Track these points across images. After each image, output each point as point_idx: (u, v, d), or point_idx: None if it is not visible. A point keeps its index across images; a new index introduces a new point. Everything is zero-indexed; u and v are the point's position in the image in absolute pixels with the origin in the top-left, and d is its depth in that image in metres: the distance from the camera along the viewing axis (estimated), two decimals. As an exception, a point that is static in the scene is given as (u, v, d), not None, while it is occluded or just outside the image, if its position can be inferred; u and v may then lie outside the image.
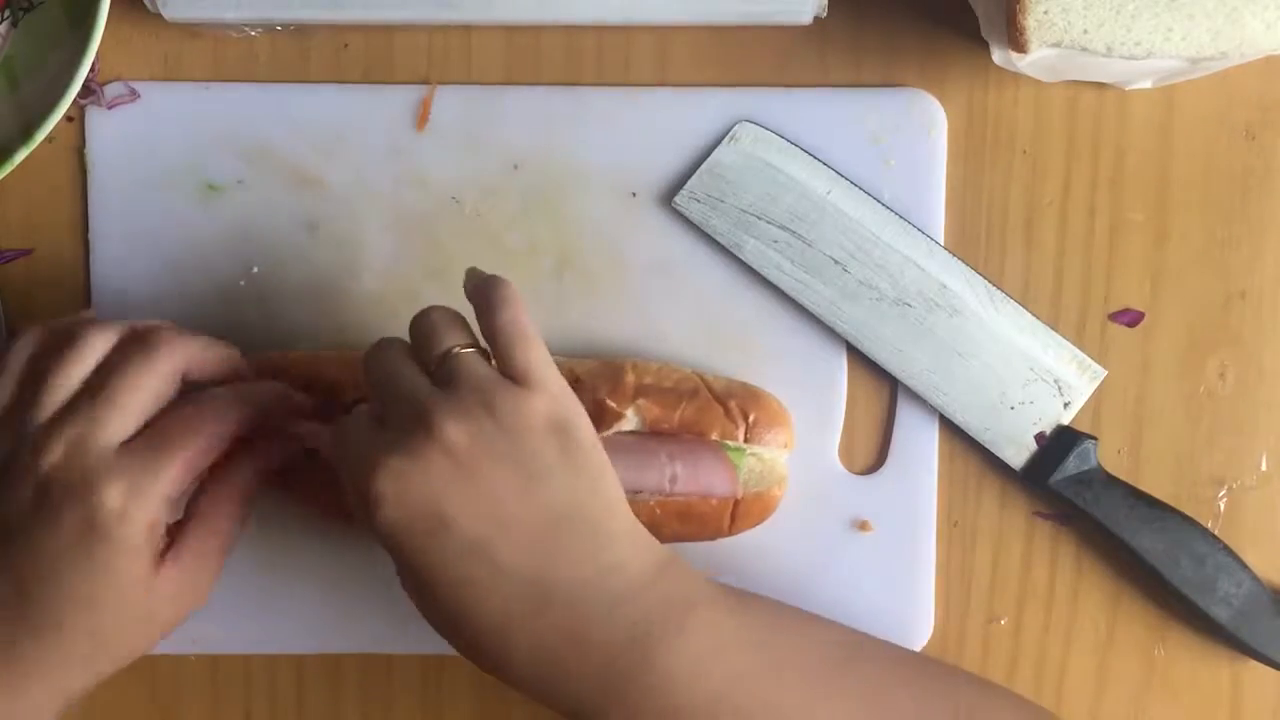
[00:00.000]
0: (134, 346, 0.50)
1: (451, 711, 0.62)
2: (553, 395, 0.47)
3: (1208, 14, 0.52)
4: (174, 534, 0.51)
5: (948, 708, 0.50)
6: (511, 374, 0.47)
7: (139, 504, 0.48)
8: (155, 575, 0.49)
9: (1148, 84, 0.58)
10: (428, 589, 0.47)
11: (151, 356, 0.50)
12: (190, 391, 0.52)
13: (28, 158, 0.56)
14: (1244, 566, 0.59)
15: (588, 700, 0.46)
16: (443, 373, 0.48)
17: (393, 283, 0.60)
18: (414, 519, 0.45)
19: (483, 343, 0.49)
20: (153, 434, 0.49)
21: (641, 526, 0.49)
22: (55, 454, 0.48)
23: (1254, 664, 0.60)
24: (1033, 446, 0.60)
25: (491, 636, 0.46)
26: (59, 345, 0.50)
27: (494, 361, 0.49)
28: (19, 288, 0.60)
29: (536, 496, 0.46)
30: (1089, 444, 0.59)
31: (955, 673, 0.54)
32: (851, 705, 0.48)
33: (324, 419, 0.54)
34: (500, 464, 0.46)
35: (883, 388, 0.61)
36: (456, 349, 0.48)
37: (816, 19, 0.58)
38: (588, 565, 0.46)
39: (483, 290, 0.49)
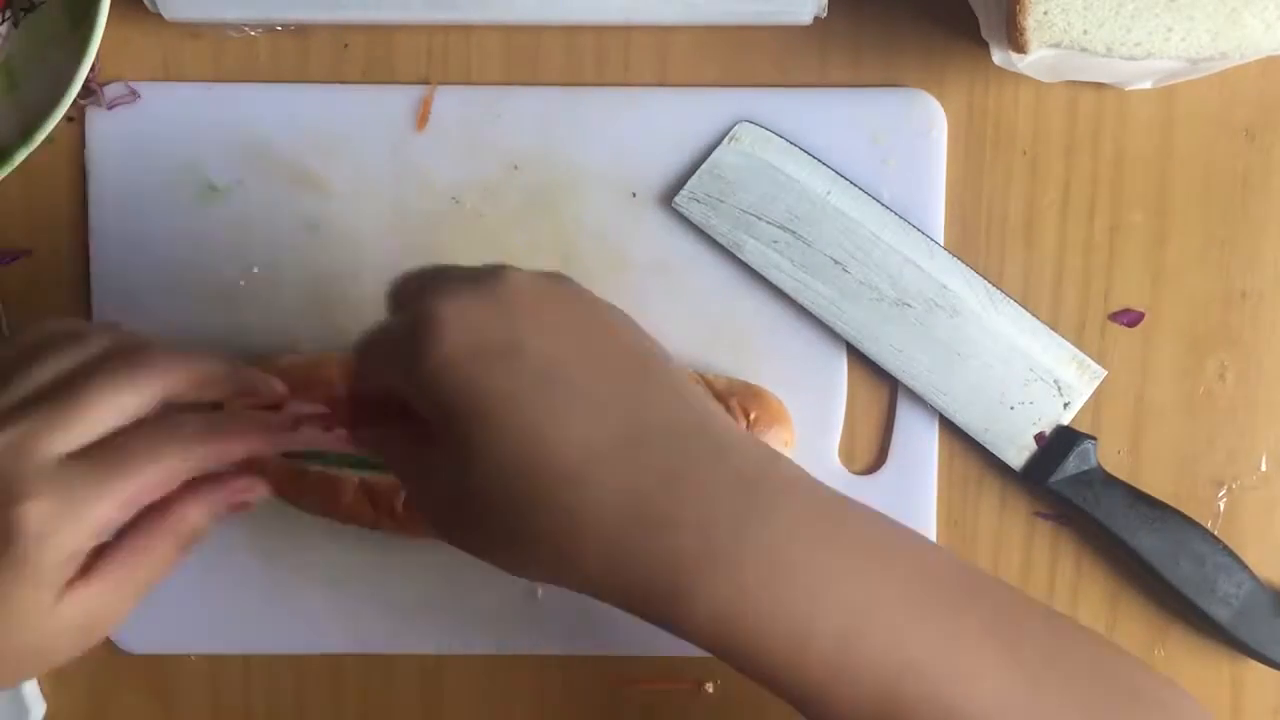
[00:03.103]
0: (119, 358, 0.43)
1: (451, 711, 0.62)
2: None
3: (1208, 14, 0.52)
4: (91, 558, 0.43)
5: (1081, 667, 0.41)
6: None
7: (62, 530, 0.41)
8: (58, 604, 0.41)
9: (1148, 84, 0.58)
10: (495, 425, 0.38)
11: (134, 373, 0.43)
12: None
13: (28, 158, 0.56)
14: (1244, 566, 0.59)
15: (683, 558, 0.37)
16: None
17: (393, 283, 0.60)
18: (480, 343, 0.39)
19: None
20: (103, 452, 0.42)
21: (784, 433, 0.45)
22: None
23: (1254, 664, 0.60)
24: (1032, 446, 0.60)
25: (567, 478, 0.38)
26: (51, 339, 0.44)
27: None
28: (19, 288, 0.60)
29: (609, 336, 0.41)
30: (1089, 444, 0.59)
31: (1088, 634, 0.44)
32: (985, 620, 0.40)
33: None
34: (568, 305, 0.41)
35: (883, 388, 0.61)
36: None
37: (816, 19, 0.58)
38: (684, 412, 0.40)
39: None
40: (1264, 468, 0.61)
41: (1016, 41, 0.52)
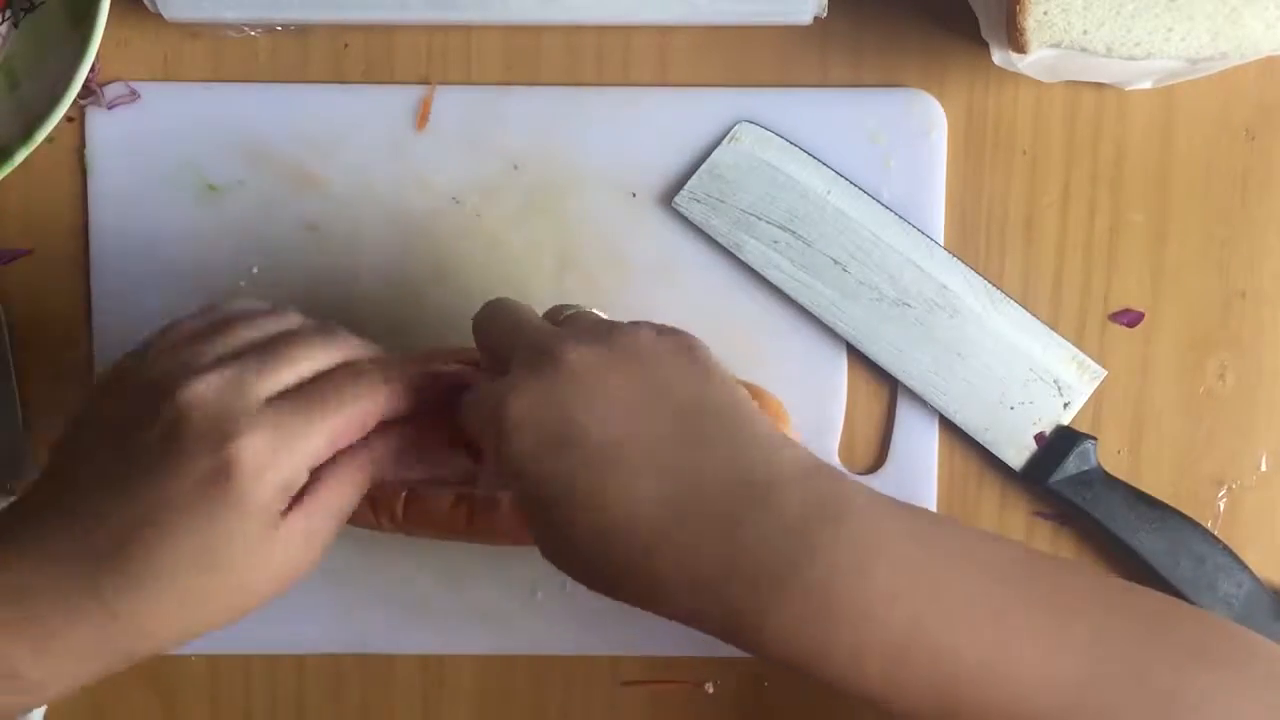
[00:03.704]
0: (315, 329, 0.49)
1: (451, 711, 0.62)
2: (666, 325, 0.47)
3: (1208, 14, 0.52)
4: (292, 502, 0.46)
5: (1138, 634, 0.43)
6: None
7: (278, 463, 0.44)
8: (276, 532, 0.45)
9: (1148, 84, 0.58)
10: (567, 513, 0.44)
11: (330, 340, 0.48)
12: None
13: (28, 158, 0.56)
14: (1244, 566, 0.59)
15: (744, 606, 0.42)
16: (564, 322, 0.49)
17: (393, 283, 0.60)
18: (545, 437, 0.44)
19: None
20: (306, 393, 0.46)
21: (789, 438, 0.47)
22: (199, 389, 0.45)
23: (1254, 664, 0.60)
24: (1032, 446, 0.60)
25: (638, 552, 0.43)
26: (254, 313, 0.49)
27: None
28: (19, 288, 0.60)
29: (665, 399, 0.45)
30: (1089, 444, 0.59)
31: (1148, 596, 0.46)
32: (1030, 613, 0.43)
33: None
34: (624, 375, 0.45)
35: (883, 388, 0.61)
36: (576, 308, 0.50)
37: (816, 19, 0.58)
38: (730, 463, 0.44)
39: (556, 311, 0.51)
40: (1264, 468, 0.61)
41: (1016, 41, 0.52)
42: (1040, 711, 0.42)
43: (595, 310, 0.51)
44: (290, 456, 0.45)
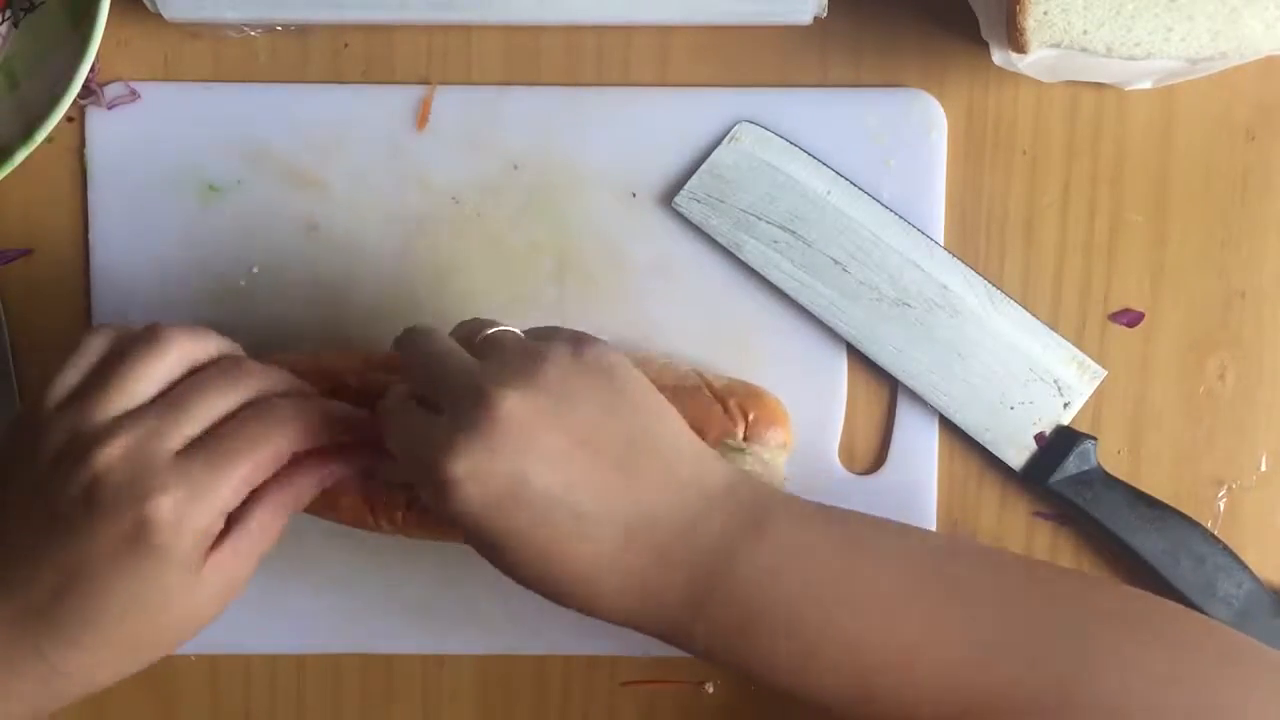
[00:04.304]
0: (214, 367, 0.49)
1: (451, 711, 0.62)
2: (580, 335, 0.48)
3: (1208, 14, 0.52)
4: (213, 545, 0.49)
5: (1047, 609, 0.47)
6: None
7: (193, 515, 0.46)
8: (200, 574, 0.48)
9: (1148, 84, 0.58)
10: (514, 554, 0.46)
11: (231, 381, 0.49)
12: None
13: (28, 158, 0.56)
14: (1244, 566, 0.59)
15: (674, 618, 0.47)
16: (484, 348, 0.49)
17: (393, 283, 0.60)
18: (490, 492, 0.45)
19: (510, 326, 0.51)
20: (214, 442, 0.48)
21: (708, 448, 0.49)
22: (111, 453, 0.46)
23: (1254, 664, 0.60)
24: (1032, 446, 0.60)
25: (581, 583, 0.47)
26: (136, 344, 0.49)
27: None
28: (19, 288, 0.60)
29: (600, 436, 0.47)
30: (1089, 444, 0.59)
31: (1068, 576, 0.51)
32: (937, 603, 0.47)
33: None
34: (560, 419, 0.46)
35: (883, 388, 0.61)
36: (494, 329, 0.50)
37: (816, 19, 0.58)
38: (664, 487, 0.47)
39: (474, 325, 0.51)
40: (1264, 468, 0.61)
41: (1016, 41, 0.52)
42: (949, 695, 0.45)
43: (511, 328, 0.50)
44: (204, 507, 0.47)
